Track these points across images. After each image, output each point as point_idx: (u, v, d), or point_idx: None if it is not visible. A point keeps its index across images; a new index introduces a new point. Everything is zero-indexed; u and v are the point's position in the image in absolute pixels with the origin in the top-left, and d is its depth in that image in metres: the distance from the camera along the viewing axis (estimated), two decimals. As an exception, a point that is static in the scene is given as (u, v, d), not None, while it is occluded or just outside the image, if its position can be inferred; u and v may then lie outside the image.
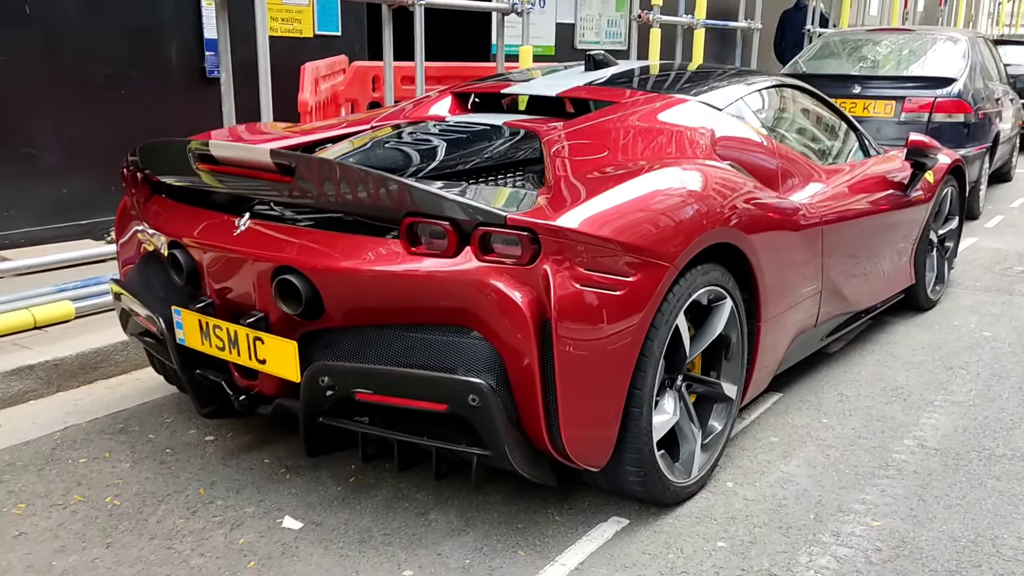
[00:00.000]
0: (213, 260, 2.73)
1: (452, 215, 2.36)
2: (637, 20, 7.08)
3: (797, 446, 3.28)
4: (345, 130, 3.53)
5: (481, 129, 3.29)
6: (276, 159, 2.53)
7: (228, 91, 4.27)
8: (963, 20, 16.14)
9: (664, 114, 3.33)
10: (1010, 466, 3.15)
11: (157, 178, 3.03)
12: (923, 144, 4.29)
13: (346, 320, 2.57)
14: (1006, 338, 4.57)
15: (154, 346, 3.17)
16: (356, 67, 5.41)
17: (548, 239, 2.33)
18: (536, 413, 2.39)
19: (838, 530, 2.72)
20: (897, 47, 7.72)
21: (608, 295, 2.42)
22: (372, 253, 2.47)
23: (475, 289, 2.37)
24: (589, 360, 2.41)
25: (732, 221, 2.86)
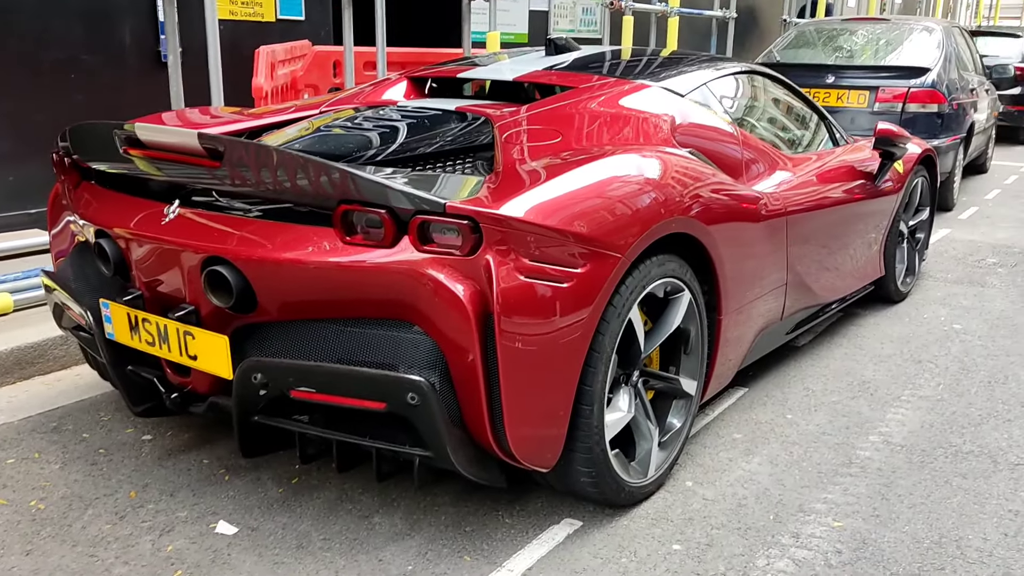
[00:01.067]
0: (141, 250, 2.58)
1: (388, 203, 2.23)
2: (609, 7, 6.94)
3: (760, 443, 3.17)
4: (294, 115, 3.39)
5: (432, 114, 3.16)
6: (204, 143, 2.39)
7: (176, 73, 4.12)
8: (941, 11, 16.11)
9: (623, 100, 3.20)
10: (976, 463, 3.06)
11: (86, 164, 2.88)
12: (891, 133, 4.18)
13: (280, 314, 2.43)
14: (976, 331, 4.48)
15: (87, 341, 3.02)
16: (316, 52, 5.25)
17: (490, 228, 2.20)
18: (479, 411, 2.27)
19: (798, 531, 2.61)
20: (872, 37, 7.63)
21: (555, 287, 2.29)
22: (305, 243, 2.33)
23: (413, 281, 2.24)
24: (534, 355, 2.28)
25: (690, 210, 2.74)
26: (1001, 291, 5.22)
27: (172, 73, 4.08)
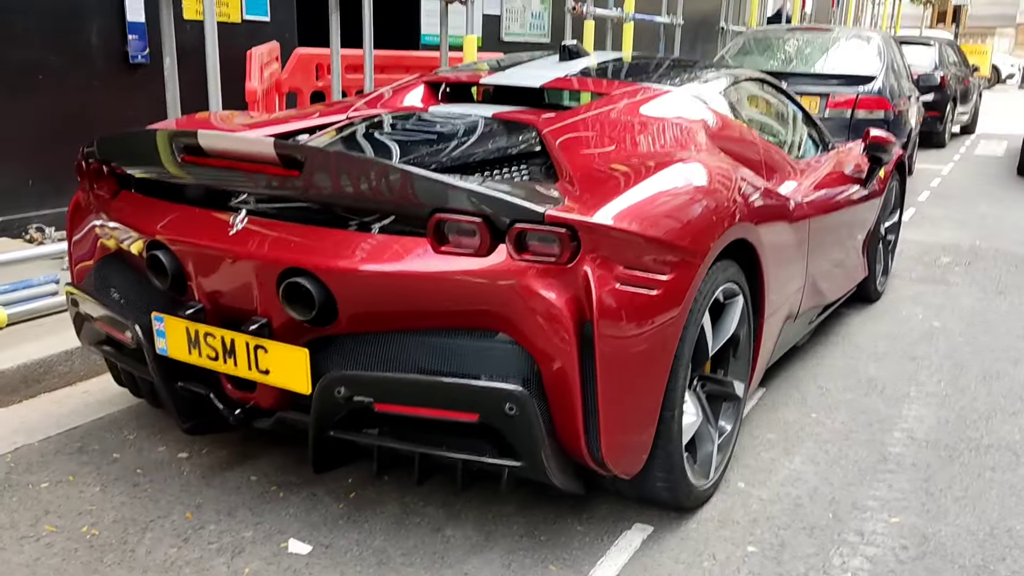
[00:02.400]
0: (204, 262, 2.48)
1: (486, 212, 2.20)
2: (571, 12, 7.00)
3: (795, 442, 3.25)
4: (319, 120, 3.30)
5: (471, 121, 3.12)
6: (281, 151, 2.32)
7: (172, 78, 3.96)
8: (852, 20, 16.77)
9: (657, 106, 3.23)
10: (1000, 457, 3.20)
11: (123, 171, 2.75)
12: (882, 140, 4.34)
13: (359, 325, 2.37)
14: (955, 328, 4.69)
15: (119, 356, 2.89)
16: (299, 55, 5.13)
17: (588, 237, 2.20)
18: (574, 420, 2.26)
19: (860, 528, 2.69)
20: (818, 45, 7.90)
21: (646, 294, 2.31)
22: (394, 253, 2.29)
23: (509, 290, 2.22)
24: (628, 362, 2.30)
25: (748, 216, 2.79)
26: (964, 288, 5.47)
27: (168, 76, 3.92)
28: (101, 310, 2.78)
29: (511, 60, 4.03)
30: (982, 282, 5.63)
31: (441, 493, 2.77)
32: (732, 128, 3.40)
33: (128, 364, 2.85)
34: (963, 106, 14.22)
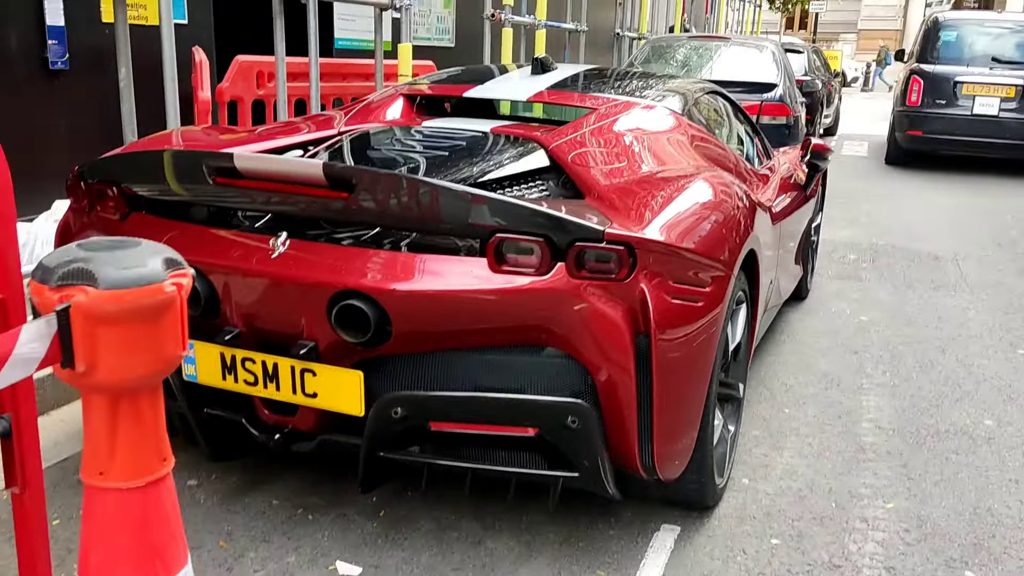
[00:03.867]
0: (244, 286, 2.43)
1: (546, 231, 2.26)
2: (490, 19, 7.07)
3: (779, 437, 3.45)
4: (309, 135, 3.26)
5: (475, 136, 3.16)
6: (331, 172, 2.30)
7: (128, 88, 3.81)
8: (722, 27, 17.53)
9: (645, 120, 3.36)
10: (960, 441, 3.49)
11: (134, 192, 2.66)
12: (824, 148, 4.63)
13: (412, 346, 2.39)
14: (881, 321, 5.04)
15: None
16: (240, 62, 4.99)
17: (644, 253, 2.29)
18: (629, 429, 2.36)
19: (863, 515, 2.90)
20: (718, 54, 8.27)
21: (692, 306, 2.42)
22: (451, 273, 2.32)
23: (567, 307, 2.28)
24: (680, 371, 2.41)
25: (753, 226, 2.95)
26: (877, 284, 5.87)
27: (124, 90, 3.76)
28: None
29: (473, 74, 4.08)
30: (890, 277, 6.05)
31: (469, 505, 2.81)
32: (710, 140, 3.57)
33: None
34: (828, 109, 15.09)
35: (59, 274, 1.11)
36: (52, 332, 1.07)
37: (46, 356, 1.08)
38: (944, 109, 11.09)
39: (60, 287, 1.10)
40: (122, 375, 1.13)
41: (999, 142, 10.90)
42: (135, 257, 1.13)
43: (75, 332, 1.08)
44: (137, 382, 1.17)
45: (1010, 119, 10.81)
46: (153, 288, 1.10)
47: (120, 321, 1.08)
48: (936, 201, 9.30)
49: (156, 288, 1.10)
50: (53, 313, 1.07)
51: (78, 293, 1.08)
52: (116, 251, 1.14)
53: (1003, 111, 10.85)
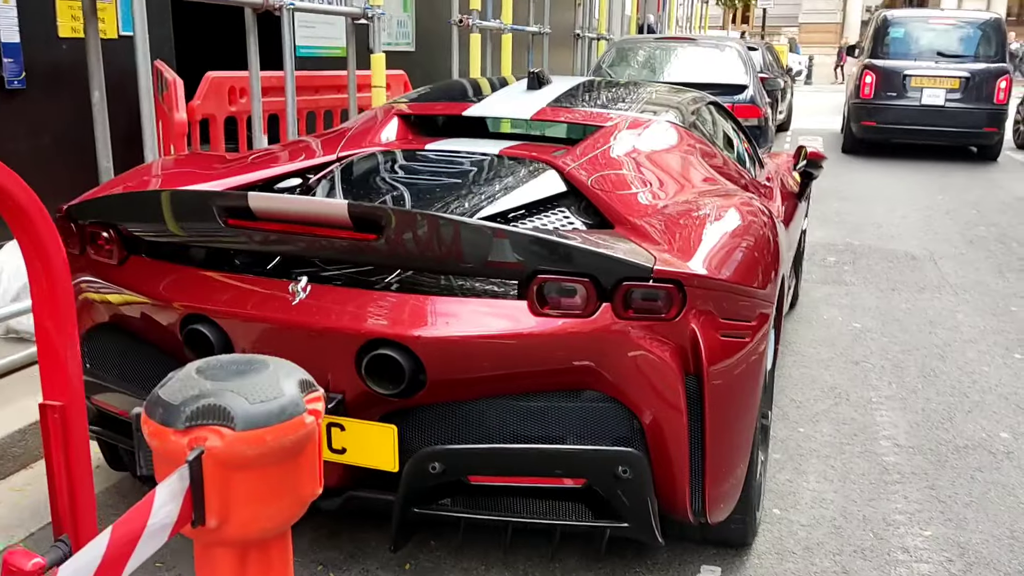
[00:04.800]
0: (261, 335, 2.25)
1: (591, 271, 2.12)
2: (458, 24, 6.90)
3: (800, 460, 3.35)
4: (307, 162, 3.07)
5: (485, 160, 3.00)
6: (357, 213, 2.13)
7: (102, 112, 3.56)
8: (673, 23, 17.55)
9: (654, 138, 3.23)
10: (980, 457, 3.43)
11: (131, 234, 2.45)
12: (818, 156, 4.56)
13: (445, 394, 2.23)
14: (875, 328, 4.99)
15: (121, 439, 2.58)
16: (212, 79, 4.75)
17: (694, 290, 2.16)
18: (681, 474, 2.23)
19: (904, 545, 2.81)
20: (686, 55, 8.20)
21: (741, 342, 2.30)
22: (490, 317, 2.16)
23: (615, 349, 2.15)
24: (731, 411, 2.29)
25: (780, 248, 2.84)
26: (862, 288, 5.84)
27: (98, 114, 3.51)
28: (103, 388, 2.47)
29: (452, 91, 3.93)
30: (873, 280, 6.03)
31: (497, 552, 2.65)
32: (717, 155, 3.46)
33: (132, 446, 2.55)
34: (781, 105, 15.21)
35: (187, 413, 0.92)
36: (185, 487, 0.89)
37: (179, 517, 0.89)
38: (895, 101, 11.89)
39: (189, 429, 0.91)
40: (257, 526, 0.94)
41: (945, 130, 11.72)
42: (269, 383, 0.95)
43: (207, 483, 0.90)
44: (271, 532, 0.98)
45: (955, 109, 11.62)
46: (294, 422, 0.92)
47: (258, 465, 0.90)
48: (900, 196, 9.38)
49: (297, 422, 0.92)
50: (185, 465, 0.89)
51: (211, 436, 0.89)
52: (246, 377, 0.96)
53: (948, 101, 11.66)
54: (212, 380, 0.95)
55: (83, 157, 5.09)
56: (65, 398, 1.14)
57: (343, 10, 5.29)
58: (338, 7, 5.35)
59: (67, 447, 1.20)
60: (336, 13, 5.35)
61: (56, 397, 1.12)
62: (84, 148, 5.04)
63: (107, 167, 3.61)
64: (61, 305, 1.13)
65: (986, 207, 8.86)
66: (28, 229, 1.13)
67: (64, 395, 1.14)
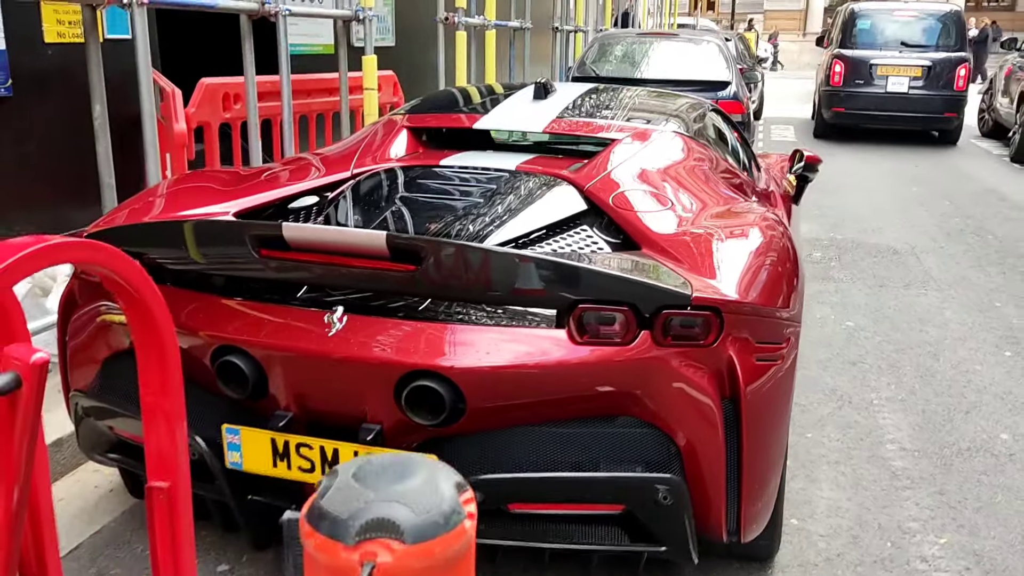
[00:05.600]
0: (297, 366, 2.23)
1: (632, 299, 2.13)
2: (444, 22, 6.86)
3: (811, 467, 3.40)
4: (320, 180, 3.04)
5: (503, 178, 2.98)
6: (395, 244, 2.12)
7: (104, 128, 3.49)
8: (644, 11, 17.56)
9: (666, 150, 3.24)
10: (984, 460, 3.50)
11: (155, 262, 2.42)
12: (815, 160, 4.59)
13: (483, 423, 2.23)
14: (867, 327, 5.07)
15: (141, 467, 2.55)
16: (206, 85, 4.67)
17: (732, 316, 2.18)
18: (718, 497, 2.25)
19: (922, 554, 2.86)
20: (668, 50, 8.22)
21: (775, 364, 2.32)
22: (531, 347, 2.16)
23: (654, 376, 2.16)
24: (766, 433, 2.32)
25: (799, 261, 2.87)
26: (850, 284, 5.92)
27: (99, 130, 3.43)
28: (123, 415, 2.44)
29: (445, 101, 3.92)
30: (861, 276, 6.11)
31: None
32: (725, 165, 3.48)
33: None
34: (753, 95, 15.34)
35: (356, 527, 0.91)
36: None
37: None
38: (862, 88, 12.76)
39: (359, 544, 0.90)
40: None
41: (909, 115, 12.63)
42: (430, 490, 0.93)
43: (374, 600, 0.88)
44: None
45: (918, 96, 12.57)
46: (458, 531, 0.91)
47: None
48: (875, 187, 9.51)
49: (460, 530, 0.91)
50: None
51: (381, 551, 0.88)
52: (406, 482, 0.94)
53: (912, 88, 12.56)
54: (373, 489, 0.94)
55: (72, 165, 5.00)
56: (171, 479, 1.12)
57: (336, 13, 5.24)
58: (331, 10, 5.29)
59: (173, 529, 1.19)
60: (329, 16, 5.29)
61: (162, 478, 1.10)
62: (73, 156, 4.96)
63: (109, 183, 3.55)
64: (171, 386, 1.11)
65: (959, 199, 9.00)
66: (139, 308, 1.11)
67: (170, 476, 1.12)
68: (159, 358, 1.14)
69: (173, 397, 1.14)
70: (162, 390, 1.12)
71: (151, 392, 1.12)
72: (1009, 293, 5.77)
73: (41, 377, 0.99)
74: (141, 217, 2.71)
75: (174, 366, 1.15)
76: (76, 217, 5.14)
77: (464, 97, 4.04)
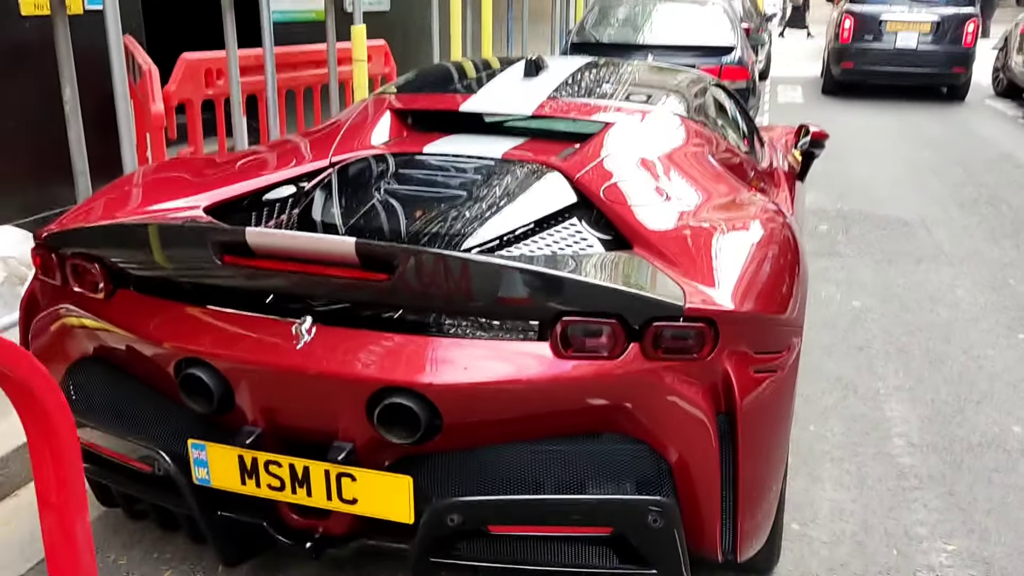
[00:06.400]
0: (264, 380, 2.09)
1: (619, 310, 1.98)
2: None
3: (814, 465, 3.27)
4: (297, 169, 2.87)
5: (487, 167, 2.80)
6: (365, 252, 1.97)
7: (75, 112, 3.32)
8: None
9: (662, 134, 3.06)
10: (994, 456, 3.36)
11: (119, 268, 2.27)
12: (822, 135, 4.40)
13: (461, 441, 2.09)
14: (875, 308, 4.90)
15: (118, 479, 2.44)
16: (187, 61, 4.48)
17: (727, 328, 2.03)
18: (711, 516, 2.12)
19: (929, 563, 2.74)
20: (671, 14, 7.97)
21: (773, 375, 2.17)
22: (510, 361, 2.02)
23: (644, 391, 2.02)
24: (763, 449, 2.18)
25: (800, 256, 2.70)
26: (856, 260, 5.75)
27: (71, 114, 3.26)
28: (93, 429, 2.31)
29: (438, 77, 3.73)
30: (868, 251, 5.94)
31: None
32: (725, 146, 3.30)
33: (132, 490, 2.41)
34: (760, 54, 15.00)
35: None
36: None
37: None
38: (871, 44, 12.91)
39: None
40: None
41: (918, 71, 12.75)
42: None
43: None
44: None
45: (926, 51, 12.59)
46: None
47: None
48: (884, 150, 9.31)
49: None
50: None
51: None
52: None
53: (921, 44, 12.70)
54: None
55: (53, 142, 4.83)
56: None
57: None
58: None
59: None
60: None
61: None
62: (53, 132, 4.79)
63: (82, 169, 3.39)
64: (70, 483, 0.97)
65: (972, 165, 8.77)
66: (38, 415, 0.97)
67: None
68: (57, 471, 0.99)
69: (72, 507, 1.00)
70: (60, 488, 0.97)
71: (48, 500, 0.98)
72: (1023, 269, 5.60)
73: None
74: (112, 211, 2.56)
75: (75, 475, 1.00)
76: (58, 193, 4.99)
77: (458, 72, 3.85)
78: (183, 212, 2.54)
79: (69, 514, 0.99)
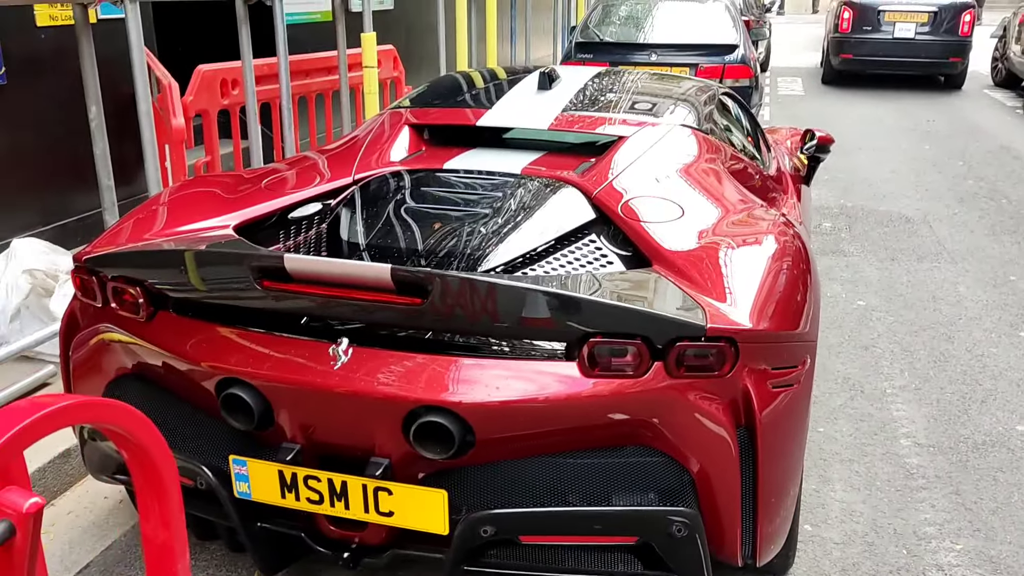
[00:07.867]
0: (302, 399, 2.18)
1: (644, 331, 2.07)
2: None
3: (824, 466, 3.37)
4: (321, 187, 2.95)
5: (507, 184, 2.89)
6: (400, 278, 2.06)
7: (100, 128, 3.40)
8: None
9: (676, 148, 3.15)
10: (999, 456, 3.46)
11: (159, 290, 2.36)
12: (827, 140, 4.49)
13: (492, 456, 2.19)
14: (880, 307, 5.00)
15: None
16: (203, 72, 4.56)
17: (747, 345, 2.12)
18: (732, 525, 2.22)
19: (938, 562, 2.84)
20: (673, 12, 8.02)
21: (791, 389, 2.27)
22: (540, 380, 2.11)
23: (667, 407, 2.11)
24: (782, 460, 2.27)
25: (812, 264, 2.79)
26: (861, 258, 5.84)
27: (96, 131, 3.34)
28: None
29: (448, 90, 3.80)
30: (872, 249, 6.03)
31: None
32: (735, 158, 3.38)
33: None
34: (760, 46, 15.06)
35: None
36: None
37: None
38: (870, 35, 13.20)
39: None
40: None
41: (916, 61, 13.10)
42: None
43: None
44: None
45: (924, 41, 12.92)
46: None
47: None
48: (884, 144, 9.39)
49: None
50: None
51: None
52: None
53: (918, 34, 13.00)
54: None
55: (71, 150, 4.92)
56: None
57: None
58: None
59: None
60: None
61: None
62: (71, 140, 4.87)
63: (108, 184, 3.47)
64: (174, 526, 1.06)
65: (972, 158, 8.86)
66: (147, 468, 1.05)
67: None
68: (164, 521, 1.07)
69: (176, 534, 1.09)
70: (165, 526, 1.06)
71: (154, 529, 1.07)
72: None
73: (36, 524, 0.94)
74: (143, 232, 2.64)
75: (178, 524, 1.08)
76: (77, 201, 5.08)
77: (469, 85, 3.93)
78: (214, 232, 2.63)
79: (171, 555, 1.07)
